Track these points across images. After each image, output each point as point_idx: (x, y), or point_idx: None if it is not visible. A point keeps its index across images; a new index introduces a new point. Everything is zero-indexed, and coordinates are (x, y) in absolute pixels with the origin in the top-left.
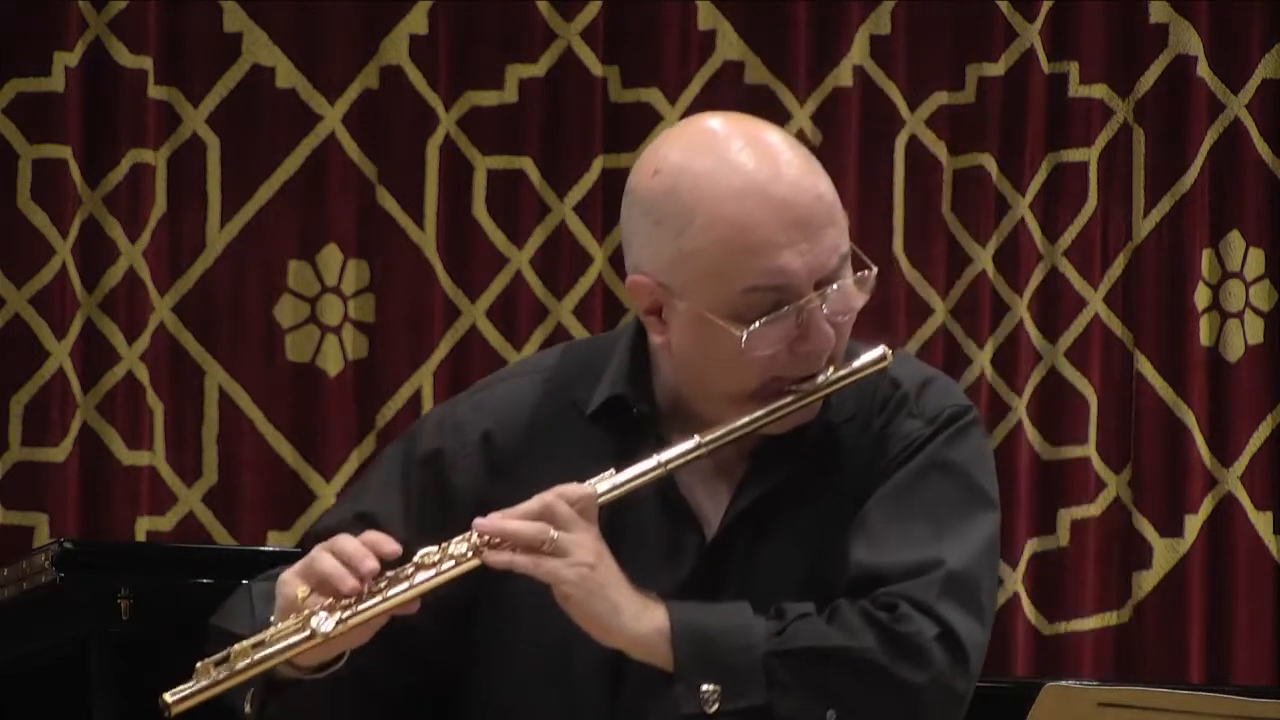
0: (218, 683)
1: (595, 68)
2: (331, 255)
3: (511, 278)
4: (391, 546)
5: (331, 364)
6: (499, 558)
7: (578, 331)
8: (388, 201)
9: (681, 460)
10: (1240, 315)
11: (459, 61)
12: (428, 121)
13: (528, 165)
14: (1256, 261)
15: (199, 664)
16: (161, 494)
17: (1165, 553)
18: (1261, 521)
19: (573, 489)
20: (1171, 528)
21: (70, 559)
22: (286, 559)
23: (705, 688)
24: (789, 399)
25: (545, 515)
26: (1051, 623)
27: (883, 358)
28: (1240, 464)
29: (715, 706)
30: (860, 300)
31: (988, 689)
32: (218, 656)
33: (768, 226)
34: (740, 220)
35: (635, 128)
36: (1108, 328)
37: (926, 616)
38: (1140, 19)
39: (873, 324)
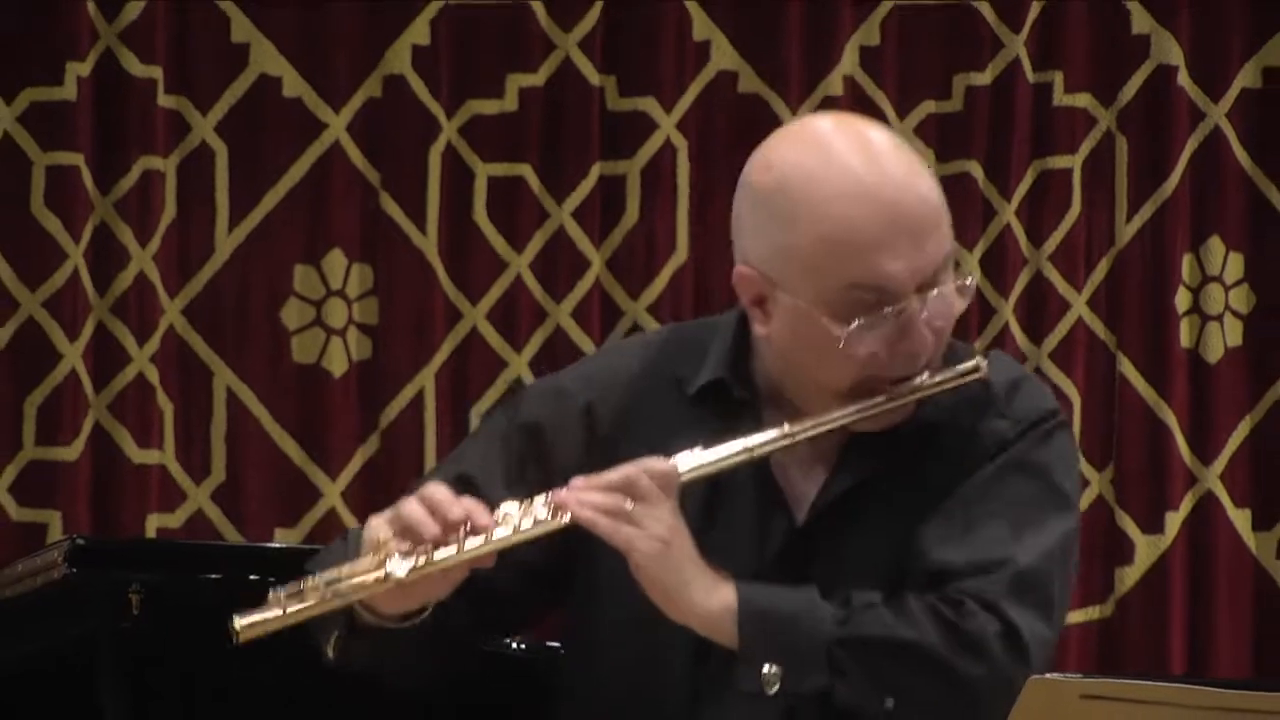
0: (288, 614)
1: (593, 77)
2: (336, 260)
3: (511, 281)
4: (484, 520)
5: (336, 365)
6: (581, 514)
7: (576, 334)
8: (391, 207)
9: (768, 447)
10: (1220, 318)
11: (460, 71)
12: (430, 129)
13: (527, 172)
14: (1236, 266)
15: (270, 593)
16: (171, 492)
17: (1147, 549)
18: (1240, 519)
19: (656, 464)
20: (1153, 524)
21: (82, 555)
22: (293, 555)
23: (767, 668)
24: (882, 399)
25: (627, 486)
26: None
27: (976, 368)
28: (1220, 463)
29: (776, 687)
30: (961, 306)
31: None
32: (290, 588)
33: (872, 228)
34: (845, 220)
35: (631, 135)
36: (1091, 330)
37: (990, 613)
38: (1123, 30)
39: None
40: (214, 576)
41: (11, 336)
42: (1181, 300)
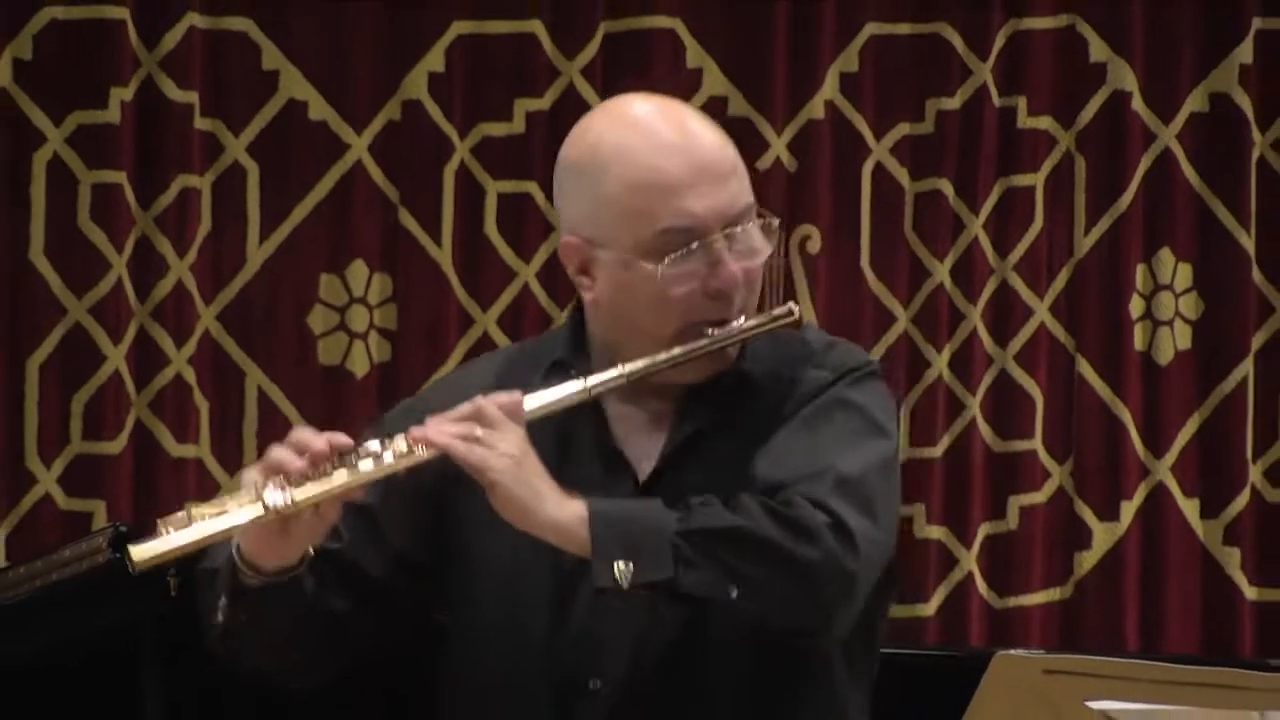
0: (177, 545)
1: (594, 102)
2: (358, 269)
3: (519, 290)
4: (342, 439)
5: (358, 367)
6: (438, 440)
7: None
8: (409, 221)
9: (603, 387)
10: (1170, 323)
11: (472, 96)
12: (444, 150)
13: (534, 189)
14: (1185, 275)
15: (159, 521)
16: (206, 483)
17: (1103, 535)
18: (1189, 507)
19: (501, 395)
20: (1109, 513)
21: (125, 541)
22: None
23: (618, 565)
24: (704, 341)
25: (476, 414)
26: (1002, 598)
27: (790, 312)
28: (1170, 456)
29: (629, 582)
30: (764, 244)
31: (944, 658)
32: (176, 519)
33: (676, 172)
34: (651, 169)
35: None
36: (1052, 334)
37: (818, 508)
38: (1081, 58)
39: (842, 332)
40: None
41: (60, 340)
42: (1135, 307)
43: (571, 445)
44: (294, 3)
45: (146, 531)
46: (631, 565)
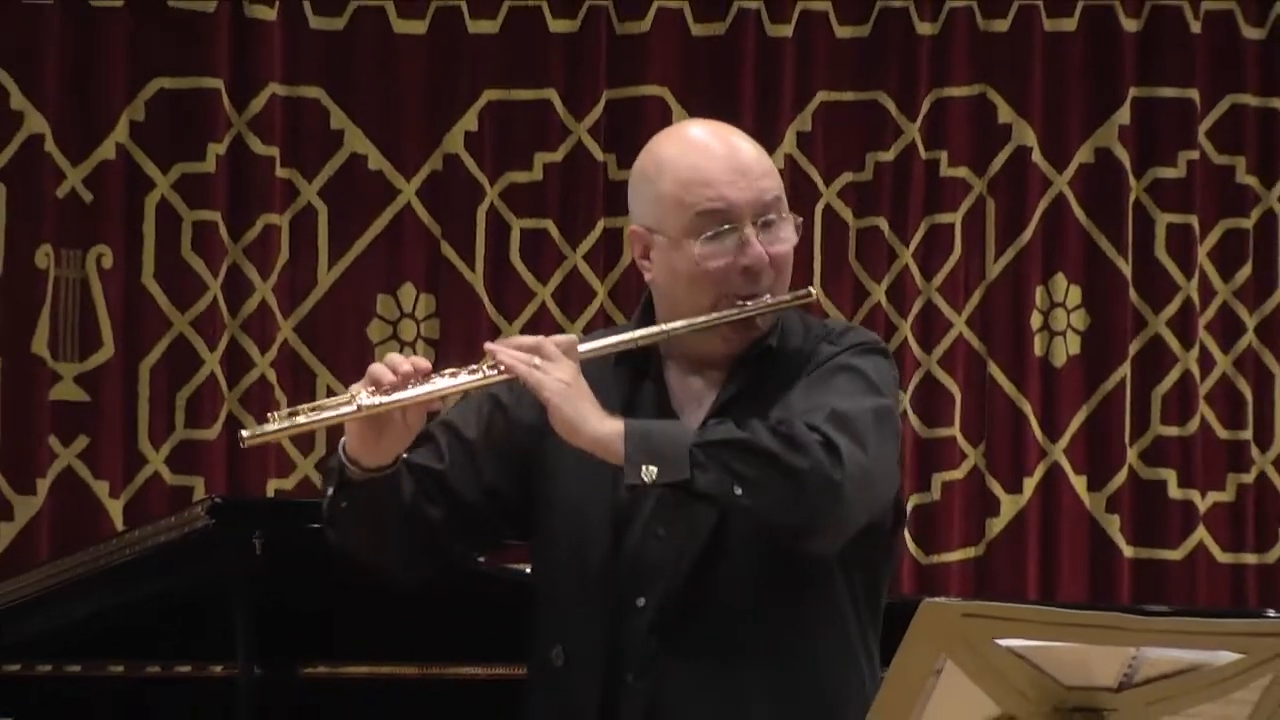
0: (281, 428)
1: (598, 154)
2: (408, 291)
3: (538, 306)
4: (424, 363)
5: None
6: (503, 358)
7: None
8: (449, 252)
9: (648, 340)
10: (1063, 334)
11: (500, 150)
12: (477, 194)
13: (549, 225)
14: (1075, 295)
15: (269, 414)
16: (285, 462)
17: (1010, 505)
18: (1079, 482)
19: (561, 336)
20: (1014, 487)
21: (219, 510)
22: None
23: (645, 469)
24: (734, 310)
25: (536, 347)
26: (927, 556)
27: (808, 293)
28: (1063, 441)
29: (652, 480)
30: (790, 234)
31: (890, 605)
32: (286, 411)
33: (715, 169)
34: (695, 167)
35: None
36: (968, 343)
37: (812, 430)
38: (991, 120)
39: None
40: (317, 526)
41: (166, 348)
42: (1035, 320)
43: (636, 403)
44: (356, 75)
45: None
46: (655, 469)
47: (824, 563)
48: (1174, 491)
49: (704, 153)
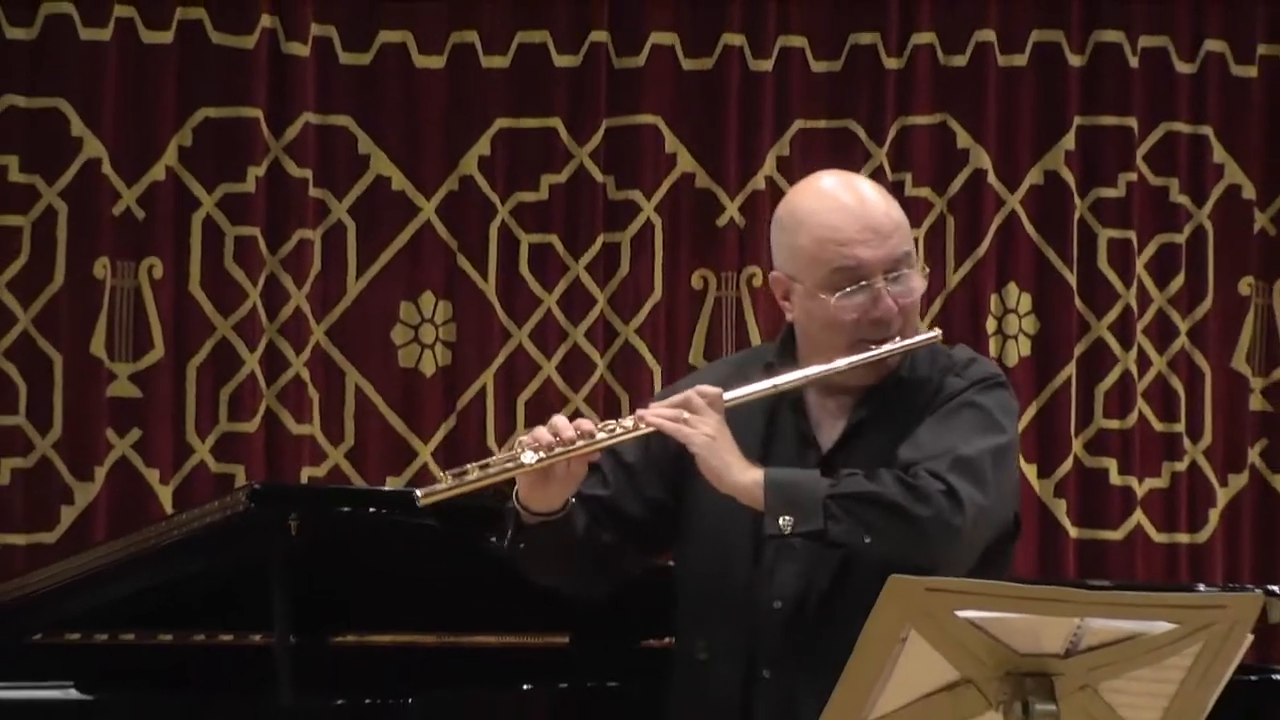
0: (453, 486)
1: (598, 176)
2: (428, 298)
3: (544, 313)
4: (587, 425)
5: (428, 368)
6: (653, 420)
7: (588, 348)
8: (464, 264)
9: (788, 385)
10: (1015, 337)
11: (510, 173)
12: (490, 212)
13: (555, 240)
14: (1025, 302)
15: (443, 473)
16: (317, 453)
17: None
18: (1030, 470)
19: (706, 387)
20: None
21: (258, 495)
22: (399, 494)
23: (783, 519)
24: (864, 354)
25: (685, 402)
26: None
27: (934, 336)
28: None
29: (790, 530)
30: (918, 284)
31: None
32: (455, 470)
33: (849, 229)
34: (831, 226)
35: (624, 216)
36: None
37: (935, 479)
38: (951, 145)
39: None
40: (347, 510)
41: (211, 349)
42: (990, 325)
43: (777, 426)
44: (381, 105)
45: (289, 494)
46: (792, 519)
47: None
48: (1114, 478)
49: (836, 209)
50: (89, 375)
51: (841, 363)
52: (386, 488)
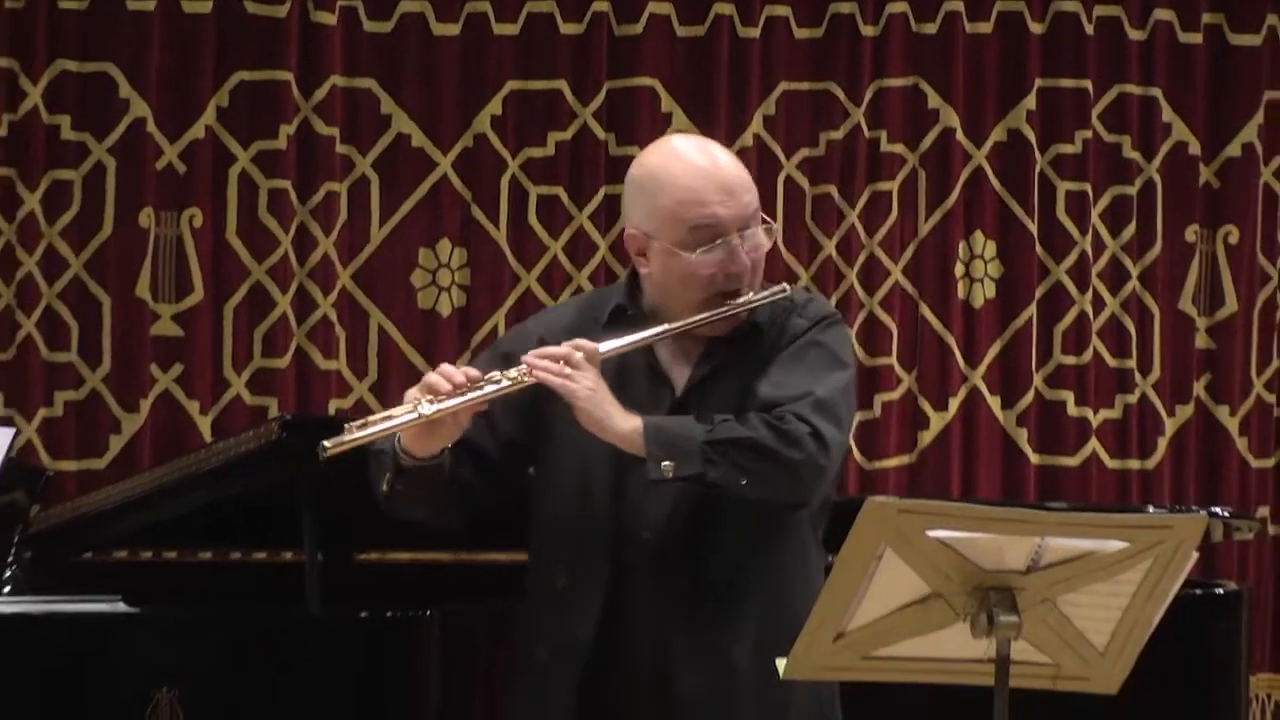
0: (357, 437)
1: (600, 134)
2: (445, 245)
3: (550, 259)
4: (474, 372)
5: (444, 309)
6: (538, 374)
7: (590, 290)
8: (478, 214)
9: (653, 339)
10: (981, 281)
11: (520, 130)
12: (501, 166)
13: (560, 192)
14: (991, 249)
15: (345, 425)
16: (343, 387)
17: (937, 420)
18: (994, 402)
19: (584, 342)
20: (941, 405)
21: (289, 425)
22: None
23: (664, 463)
24: (724, 308)
25: (565, 356)
26: (870, 462)
27: (782, 289)
28: (981, 368)
29: (670, 474)
30: (767, 242)
31: (839, 503)
32: (359, 422)
33: (706, 189)
34: (689, 188)
35: (624, 169)
36: (904, 288)
37: (802, 422)
38: (923, 105)
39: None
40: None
41: (246, 291)
42: (958, 270)
43: (627, 370)
44: (402, 69)
45: (318, 424)
46: (672, 464)
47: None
48: (1072, 410)
49: (696, 173)
50: (135, 316)
51: (706, 315)
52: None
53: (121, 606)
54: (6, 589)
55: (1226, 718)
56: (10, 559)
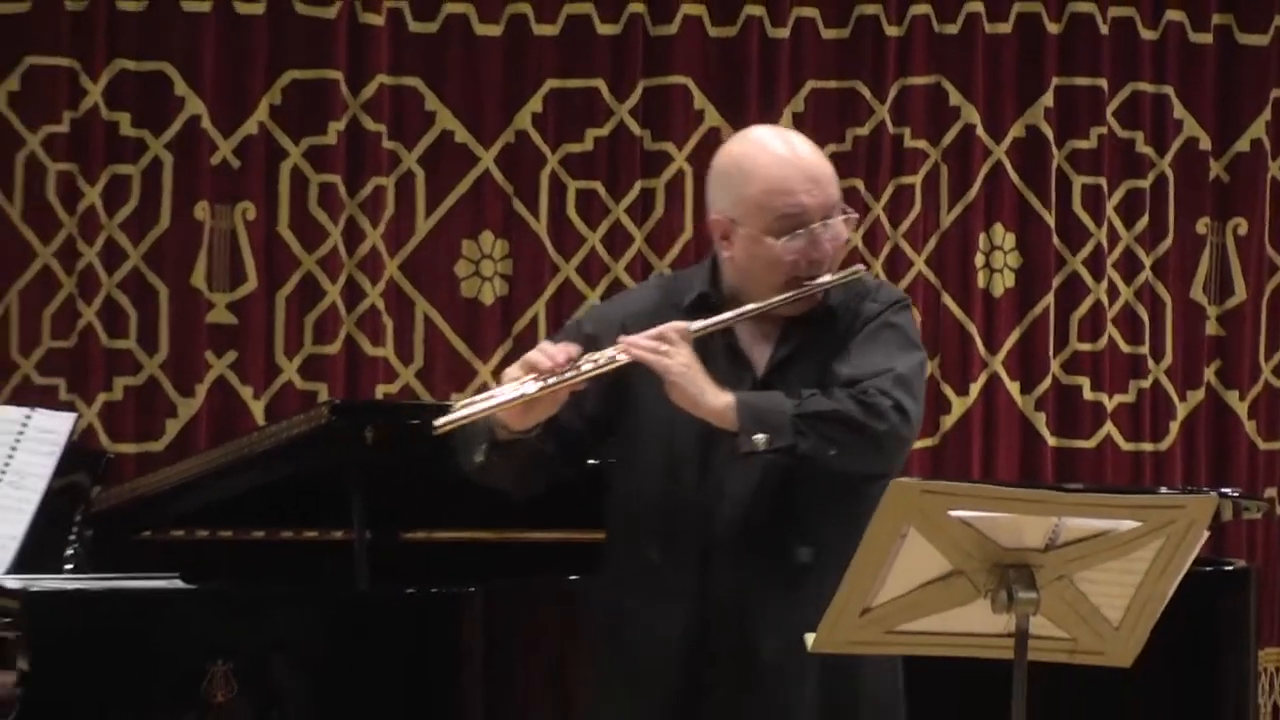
0: (466, 415)
1: (636, 130)
2: (487, 237)
3: (588, 251)
4: (575, 349)
5: (487, 298)
6: (635, 352)
7: (628, 281)
8: (519, 207)
9: (740, 318)
10: (1001, 271)
11: (559, 127)
12: (541, 161)
13: (599, 186)
14: (1010, 240)
15: (456, 402)
16: (390, 372)
17: (959, 405)
18: (1014, 387)
19: (678, 324)
20: (962, 390)
21: (339, 409)
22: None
23: (757, 436)
24: (804, 288)
25: (660, 336)
26: None
27: (856, 271)
28: (1001, 354)
29: (763, 446)
30: (847, 231)
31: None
32: (466, 400)
33: (792, 179)
34: (776, 177)
35: (658, 165)
36: (927, 278)
37: (884, 396)
38: (944, 103)
39: None
40: (415, 422)
41: (298, 281)
42: (979, 260)
43: (708, 351)
44: (446, 67)
45: (366, 408)
46: (764, 437)
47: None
48: (1087, 394)
49: (782, 163)
50: (191, 305)
51: (787, 295)
52: (450, 402)
53: (178, 583)
54: (69, 567)
55: (1235, 689)
56: (73, 538)
